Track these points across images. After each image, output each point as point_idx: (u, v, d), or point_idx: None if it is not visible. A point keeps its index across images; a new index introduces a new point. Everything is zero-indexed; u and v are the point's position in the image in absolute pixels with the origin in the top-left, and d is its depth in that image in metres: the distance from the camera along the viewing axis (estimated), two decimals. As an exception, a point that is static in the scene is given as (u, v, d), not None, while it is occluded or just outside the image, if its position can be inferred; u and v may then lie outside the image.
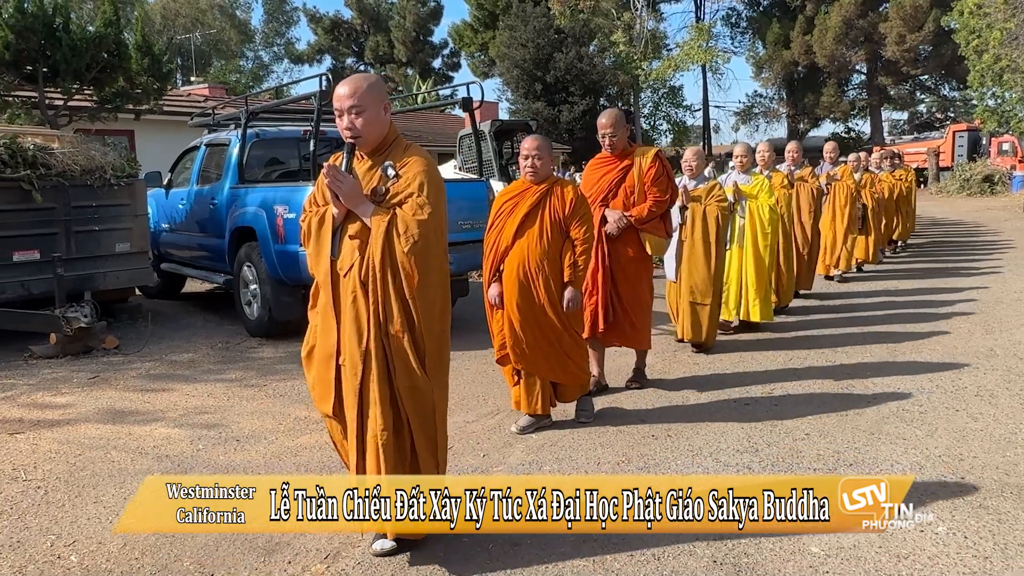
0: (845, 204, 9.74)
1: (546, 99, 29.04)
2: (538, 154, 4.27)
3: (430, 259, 2.76)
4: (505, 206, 4.38)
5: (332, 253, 2.81)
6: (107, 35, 11.24)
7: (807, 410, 4.80)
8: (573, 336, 4.37)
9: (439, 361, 2.90)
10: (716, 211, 5.94)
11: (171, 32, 41.10)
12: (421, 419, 2.86)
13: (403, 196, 2.77)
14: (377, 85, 2.88)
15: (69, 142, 7.44)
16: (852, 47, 35.36)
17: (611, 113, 5.03)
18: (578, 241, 4.25)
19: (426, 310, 2.79)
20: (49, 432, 4.60)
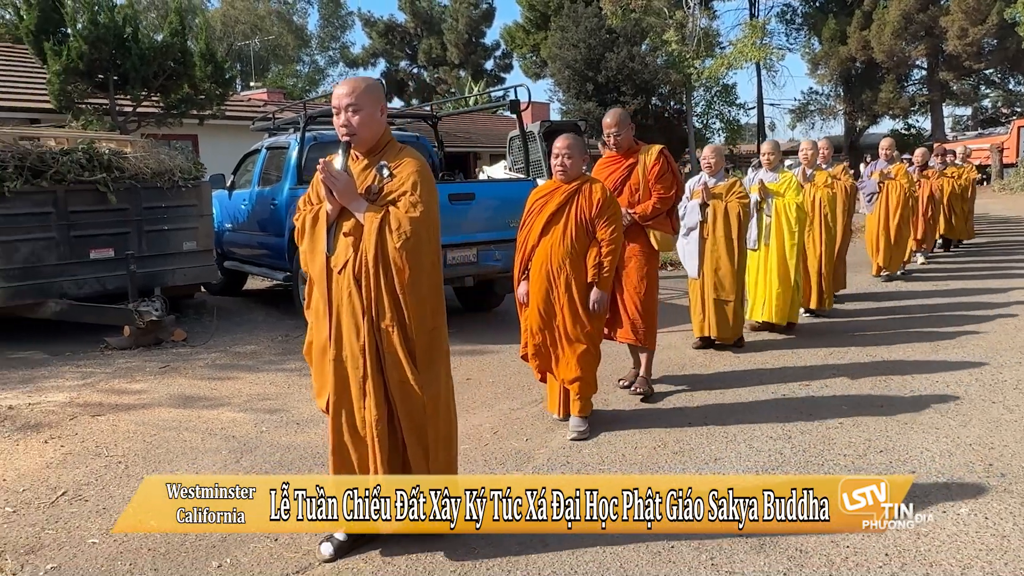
0: (898, 204, 9.47)
1: (597, 99, 29.11)
2: (568, 153, 4.27)
3: (422, 255, 2.81)
4: (535, 204, 4.41)
5: (328, 250, 2.87)
6: (173, 44, 11.76)
7: (843, 401, 4.92)
8: (591, 343, 4.32)
9: (431, 357, 2.92)
10: (737, 207, 5.93)
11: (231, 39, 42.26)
12: (409, 413, 2.90)
13: (396, 194, 2.83)
14: (375, 87, 2.96)
15: (141, 147, 7.89)
16: (912, 42, 34.57)
17: (615, 112, 5.06)
18: (604, 242, 4.21)
19: (417, 305, 2.84)
20: (127, 415, 4.97)
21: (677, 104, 34.40)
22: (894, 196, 9.49)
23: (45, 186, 6.70)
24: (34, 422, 4.82)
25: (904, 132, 38.98)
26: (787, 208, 6.56)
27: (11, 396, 5.38)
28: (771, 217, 6.56)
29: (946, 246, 12.65)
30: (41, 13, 11.01)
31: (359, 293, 2.83)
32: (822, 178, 7.54)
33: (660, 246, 5.01)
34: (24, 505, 3.60)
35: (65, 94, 11.19)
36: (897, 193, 9.49)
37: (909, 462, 3.88)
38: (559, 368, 4.36)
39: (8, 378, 5.89)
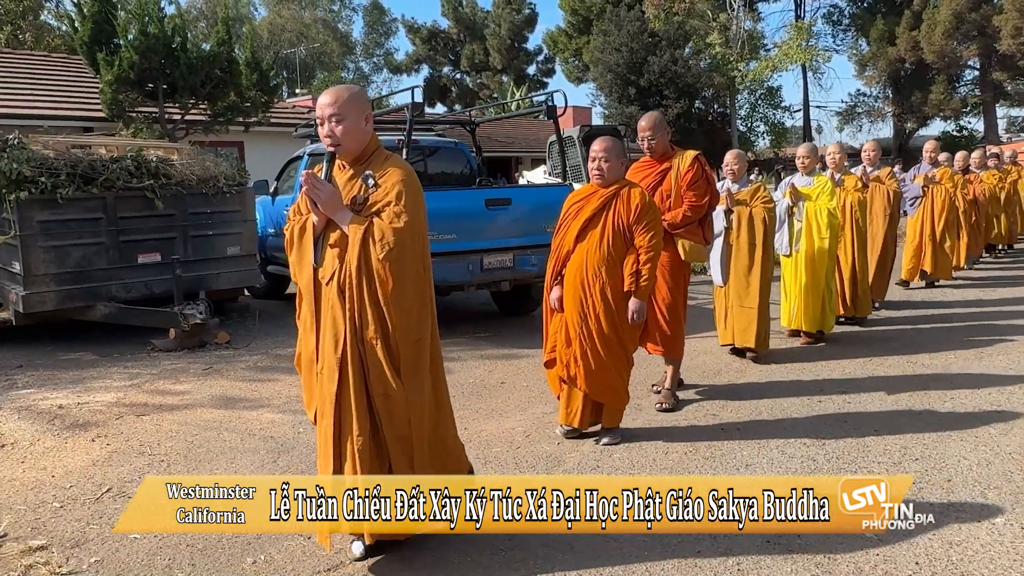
0: (942, 209, 9.22)
1: (640, 103, 29.00)
2: (605, 156, 4.15)
3: (405, 266, 2.77)
4: (571, 209, 4.30)
5: (315, 261, 2.84)
6: (220, 53, 12.06)
7: (880, 407, 4.86)
8: (627, 352, 4.24)
9: (416, 369, 2.87)
10: (762, 213, 5.81)
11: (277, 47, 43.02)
12: (394, 427, 2.85)
13: (381, 205, 2.79)
14: (359, 96, 2.91)
15: (187, 154, 8.10)
16: (964, 42, 33.79)
17: (651, 116, 4.93)
18: (642, 249, 4.07)
19: (401, 317, 2.79)
20: (170, 415, 5.12)
21: (721, 107, 34.10)
22: (939, 200, 9.25)
23: (96, 193, 6.92)
24: (82, 421, 4.99)
25: (955, 134, 38.12)
26: (818, 213, 6.37)
27: (61, 396, 5.58)
28: (802, 222, 6.39)
29: (990, 250, 12.34)
30: (95, 25, 11.39)
31: (342, 304, 2.79)
32: (852, 182, 7.31)
33: (687, 256, 4.84)
34: (71, 501, 3.74)
35: (116, 103, 11.54)
36: (942, 197, 9.25)
37: (945, 470, 3.82)
38: (591, 378, 4.18)
39: (59, 378, 6.10)
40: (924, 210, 9.29)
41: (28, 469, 4.19)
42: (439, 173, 8.80)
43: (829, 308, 6.55)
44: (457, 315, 8.65)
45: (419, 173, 8.30)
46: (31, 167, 6.62)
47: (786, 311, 6.59)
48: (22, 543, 3.28)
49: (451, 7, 49.11)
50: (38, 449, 4.50)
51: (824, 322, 6.52)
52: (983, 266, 11.44)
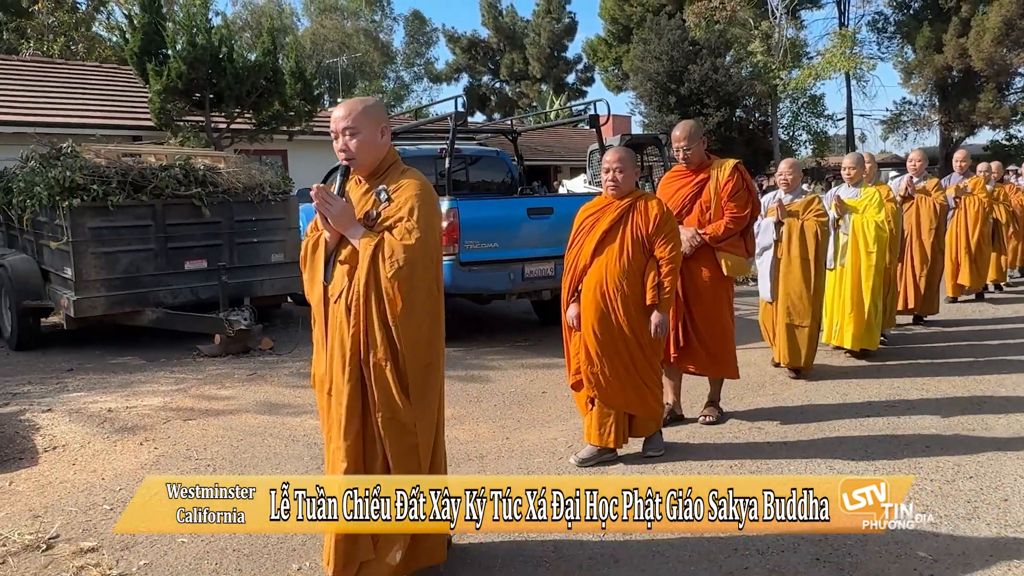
0: (976, 220, 8.91)
1: (680, 111, 28.81)
2: (619, 167, 4.02)
3: (416, 285, 2.65)
4: (586, 222, 4.14)
5: (325, 278, 2.76)
6: (265, 63, 12.24)
7: (931, 424, 4.75)
8: (653, 365, 4.11)
9: (425, 394, 2.75)
10: (815, 226, 5.60)
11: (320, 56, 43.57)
12: (401, 454, 2.73)
13: (393, 220, 2.68)
14: (374, 108, 2.81)
15: (233, 162, 8.23)
16: (1013, 49, 33.07)
17: (685, 125, 4.77)
18: (663, 260, 3.96)
19: (411, 339, 2.67)
20: (215, 420, 5.19)
21: (762, 116, 33.76)
22: (972, 211, 8.94)
23: (145, 200, 7.06)
24: (131, 425, 5.08)
25: (1005, 143, 37.28)
26: (865, 226, 6.17)
27: (110, 400, 5.68)
28: (848, 235, 6.21)
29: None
30: (144, 36, 11.63)
31: (348, 323, 2.69)
32: (884, 192, 6.79)
33: (730, 271, 4.64)
34: (120, 504, 3.80)
35: (165, 112, 11.77)
36: (975, 208, 8.93)
37: (1001, 489, 3.72)
38: (623, 395, 4.05)
39: (108, 382, 6.22)
40: (957, 222, 8.98)
41: (79, 471, 4.27)
42: (481, 182, 8.83)
43: (876, 325, 6.32)
44: (498, 323, 8.65)
45: (460, 182, 8.47)
46: (83, 175, 6.78)
47: (828, 327, 6.36)
48: (74, 544, 3.35)
49: (491, 16, 49.35)
50: (88, 452, 4.59)
51: (869, 340, 6.28)
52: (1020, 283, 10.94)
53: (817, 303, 5.73)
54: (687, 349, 4.67)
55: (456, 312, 9.18)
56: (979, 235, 8.88)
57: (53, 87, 15.66)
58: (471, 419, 5.13)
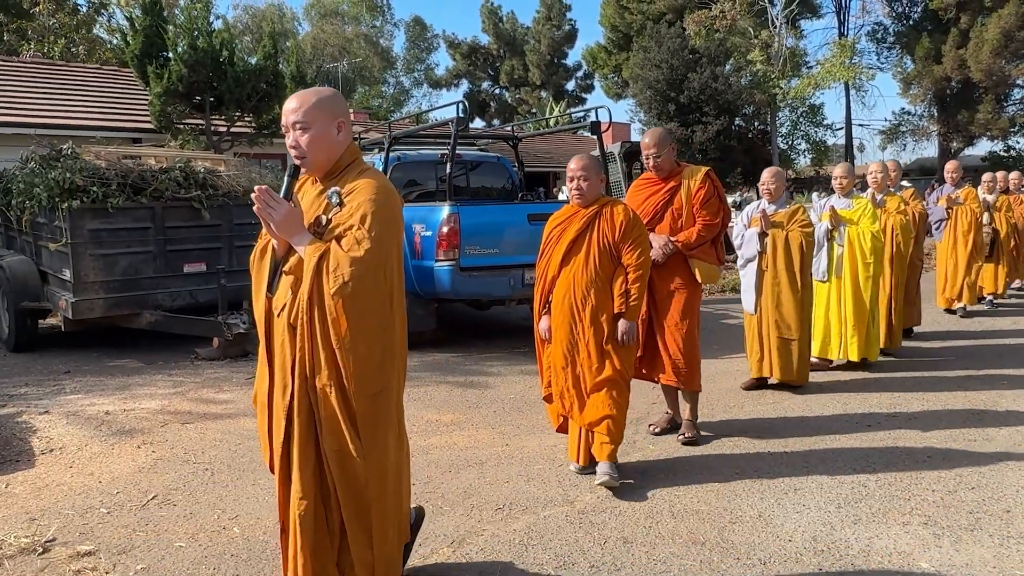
0: (969, 230, 8.66)
1: (679, 119, 28.92)
2: (584, 175, 3.91)
3: (364, 304, 2.35)
4: (553, 232, 4.05)
5: (269, 289, 2.51)
6: (266, 67, 12.27)
7: (932, 433, 4.73)
8: (622, 378, 3.91)
9: (376, 423, 2.45)
10: (799, 237, 5.46)
11: (320, 61, 43.63)
12: (350, 490, 2.46)
13: (343, 228, 2.40)
14: (329, 100, 2.52)
15: (233, 165, 8.22)
16: (1012, 60, 33.24)
17: (654, 132, 4.64)
18: (631, 267, 3.86)
19: (358, 364, 2.37)
20: (214, 423, 5.16)
21: (761, 125, 33.86)
22: (963, 222, 8.72)
23: (145, 203, 7.04)
24: (128, 428, 5.05)
25: (1003, 154, 37.41)
26: (861, 237, 6.07)
27: (108, 402, 5.65)
28: (843, 247, 6.11)
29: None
30: (146, 39, 11.65)
31: (292, 343, 2.43)
32: (894, 204, 6.92)
33: (704, 278, 4.57)
34: (117, 507, 3.77)
35: (165, 115, 11.78)
36: (967, 219, 8.72)
37: (1003, 500, 3.70)
38: (585, 409, 3.91)
39: (106, 385, 6.19)
40: (949, 233, 8.80)
41: (76, 474, 4.24)
42: (481, 187, 8.82)
43: (874, 336, 6.29)
44: (497, 329, 8.63)
45: (461, 187, 8.46)
46: (83, 177, 6.76)
47: (832, 343, 6.26)
48: (71, 548, 3.32)
49: (492, 23, 49.50)
50: (85, 454, 4.56)
51: (870, 350, 6.23)
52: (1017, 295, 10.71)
53: (805, 315, 5.59)
54: (652, 358, 4.58)
55: (455, 317, 9.18)
56: (972, 246, 8.69)
57: (53, 89, 15.65)
58: (470, 425, 5.11)
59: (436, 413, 5.38)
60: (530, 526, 3.49)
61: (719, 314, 8.86)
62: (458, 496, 3.86)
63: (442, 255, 6.88)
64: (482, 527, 3.49)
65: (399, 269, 2.51)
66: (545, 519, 3.57)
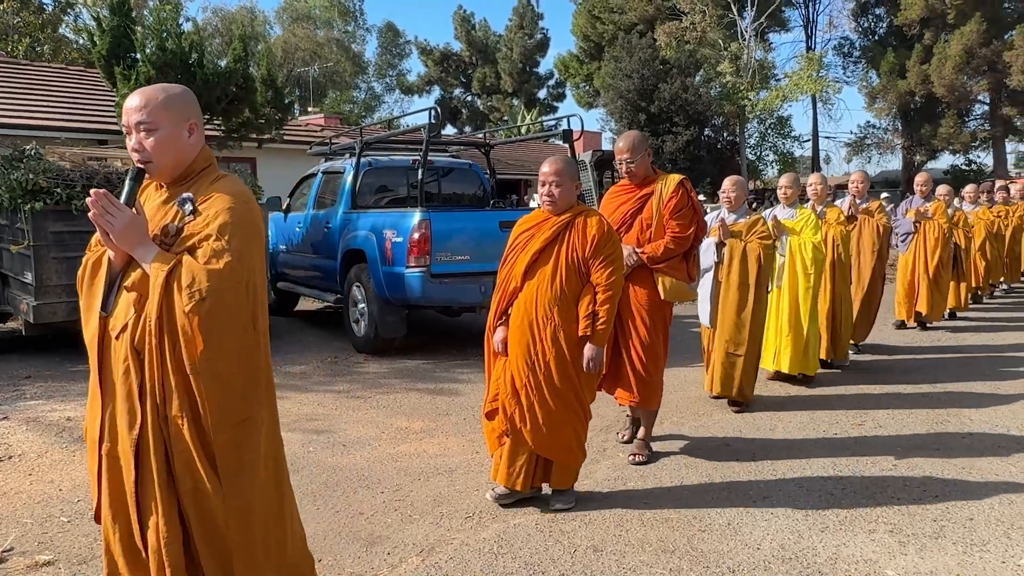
0: (936, 245, 8.52)
1: (650, 129, 29.11)
2: (557, 180, 3.60)
3: (223, 323, 2.10)
4: (520, 238, 3.73)
5: (103, 307, 2.21)
6: (236, 70, 12.11)
7: (897, 441, 4.80)
8: (581, 406, 3.64)
9: (239, 458, 2.18)
10: (758, 249, 5.27)
11: (291, 65, 43.34)
12: (207, 534, 2.18)
13: (197, 239, 2.15)
14: (178, 99, 2.27)
15: (202, 169, 8.10)
16: (974, 77, 33.99)
17: (629, 136, 4.39)
18: (600, 287, 3.52)
19: (216, 391, 2.12)
20: (178, 430, 5.07)
21: (730, 136, 34.25)
22: (932, 236, 8.57)
23: (110, 205, 6.90)
24: (90, 434, 4.95)
25: (965, 168, 38.23)
26: (803, 247, 5.95)
27: (70, 408, 5.54)
28: (784, 257, 5.96)
29: (989, 291, 11.72)
30: (113, 39, 11.45)
31: (139, 369, 2.14)
32: (834, 215, 6.81)
33: (668, 295, 4.27)
34: (78, 516, 3.69)
35: (132, 116, 11.58)
36: (936, 234, 8.58)
37: (966, 508, 3.76)
38: (541, 434, 3.59)
39: (68, 390, 6.07)
40: (917, 247, 8.64)
41: (36, 482, 4.15)
42: (453, 194, 8.81)
43: (813, 350, 6.14)
44: (468, 336, 8.61)
45: (432, 194, 8.45)
46: (47, 178, 6.62)
47: (766, 353, 6.03)
48: (29, 558, 3.24)
49: (464, 30, 49.54)
50: (46, 462, 4.46)
51: (807, 364, 6.07)
52: (979, 308, 10.76)
53: (755, 331, 5.34)
54: (616, 374, 4.31)
55: (426, 324, 9.14)
56: (938, 260, 8.57)
57: (17, 88, 15.35)
58: (440, 432, 5.08)
59: (406, 420, 5.34)
60: (500, 534, 3.48)
61: (689, 321, 8.91)
62: (428, 504, 3.84)
63: (413, 261, 6.85)
64: (452, 535, 3.47)
65: (263, 286, 2.28)
66: (515, 527, 3.55)
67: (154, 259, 2.13)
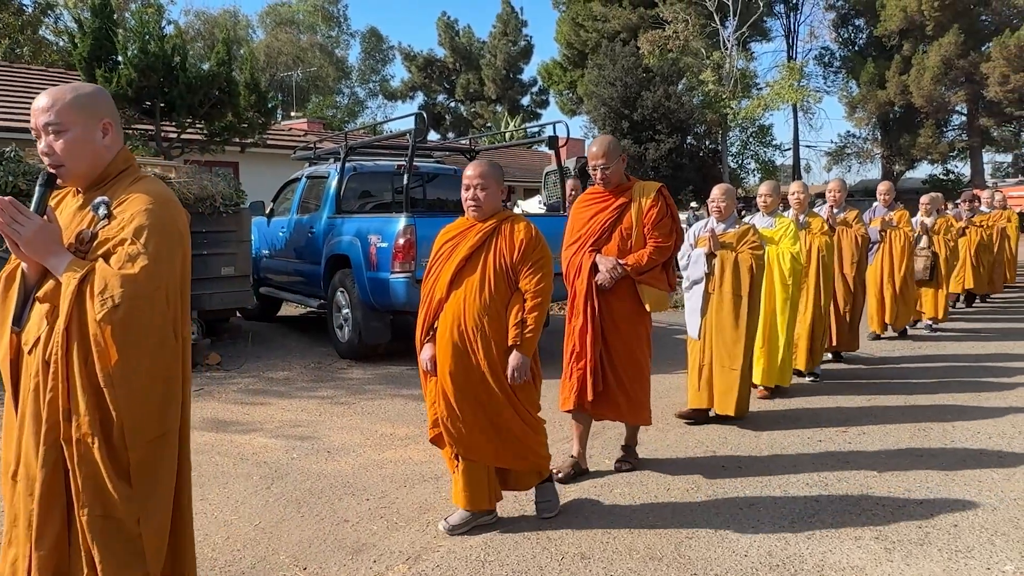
0: (902, 254, 8.47)
1: (633, 137, 29.24)
2: (482, 183, 3.43)
3: (139, 332, 1.96)
4: (443, 248, 3.54)
5: (16, 322, 2.05)
6: (220, 73, 12.05)
7: (881, 449, 4.83)
8: (524, 414, 3.47)
9: (155, 479, 2.03)
10: (750, 259, 5.15)
11: (273, 69, 43.16)
12: (119, 567, 1.98)
13: (112, 244, 2.01)
14: (89, 97, 2.12)
15: (184, 172, 8.05)
16: (952, 87, 34.41)
17: (603, 140, 4.22)
18: (528, 293, 3.38)
19: (132, 405, 1.96)
20: (160, 437, 5.01)
21: (712, 144, 34.45)
22: (897, 245, 8.49)
23: (91, 208, 6.83)
24: (70, 440, 4.87)
25: (943, 177, 38.69)
26: (781, 258, 5.85)
27: None
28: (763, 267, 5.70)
29: (969, 300, 11.71)
30: (95, 41, 11.36)
31: (45, 384, 1.98)
32: (818, 224, 6.70)
33: (652, 306, 4.21)
34: None
35: (113, 119, 11.48)
36: (901, 242, 8.48)
37: (950, 515, 3.78)
38: (489, 448, 3.46)
39: None
40: (882, 256, 8.55)
41: (14, 489, 4.07)
42: (437, 199, 8.79)
43: (787, 362, 6.05)
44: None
45: (418, 199, 8.42)
46: (26, 180, 6.54)
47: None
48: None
49: (448, 36, 49.58)
50: (24, 468, 4.38)
51: (782, 376, 5.99)
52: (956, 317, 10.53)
53: (749, 343, 5.24)
54: (605, 394, 4.17)
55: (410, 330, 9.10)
56: (905, 269, 8.48)
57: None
58: (425, 439, 4.97)
59: (391, 427, 5.31)
60: (487, 542, 3.46)
61: (673, 328, 8.93)
62: (414, 511, 3.81)
63: (398, 267, 6.82)
64: (438, 543, 3.44)
65: (185, 293, 2.13)
66: (502, 535, 3.53)
67: (67, 268, 1.99)
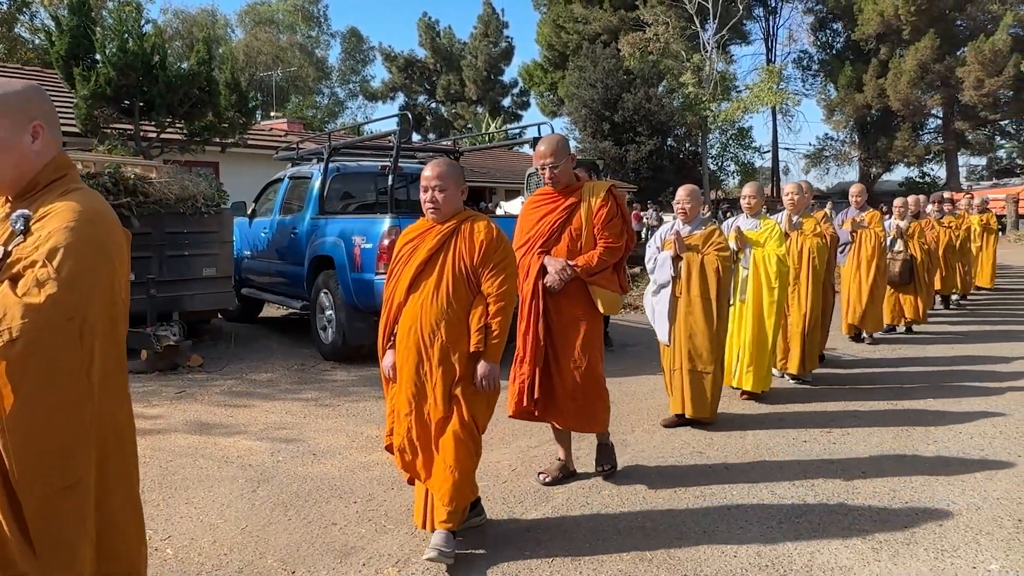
0: (873, 255, 8.35)
1: (613, 138, 29.37)
2: (440, 184, 3.26)
3: (43, 370, 1.73)
4: (404, 251, 3.39)
5: None
6: (200, 73, 11.94)
7: (865, 449, 4.86)
8: (468, 433, 3.19)
9: (61, 533, 1.80)
10: (716, 262, 5.05)
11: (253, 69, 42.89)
12: None
13: (23, 265, 1.77)
14: (16, 97, 1.92)
15: (165, 172, 7.97)
16: (928, 91, 34.89)
17: (551, 139, 4.10)
18: (492, 297, 3.21)
19: (32, 453, 1.75)
20: (142, 440, 4.92)
21: (692, 146, 34.69)
22: (868, 246, 8.38)
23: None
24: (50, 444, 4.80)
25: (919, 180, 39.19)
26: (767, 260, 5.74)
27: None
28: (748, 269, 5.77)
29: (946, 302, 11.74)
30: (72, 39, 11.22)
31: None
32: (811, 226, 6.62)
33: (606, 308, 4.07)
34: (40, 528, 3.57)
35: (91, 119, 11.35)
36: (871, 243, 8.39)
37: (935, 515, 3.81)
38: (428, 466, 3.26)
39: None
40: (853, 258, 8.48)
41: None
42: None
43: (770, 365, 6.02)
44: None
45: (401, 200, 8.39)
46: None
47: (727, 367, 5.81)
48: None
49: (429, 37, 49.53)
50: (4, 472, 4.31)
51: (767, 381, 5.98)
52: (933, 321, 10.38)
53: (720, 345, 5.20)
54: (552, 400, 4.03)
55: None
56: (875, 271, 8.37)
57: (-30, 88, 14.97)
58: (412, 441, 5.02)
59: (376, 429, 5.27)
60: (476, 544, 3.44)
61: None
62: (402, 514, 3.79)
63: (382, 268, 6.79)
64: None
65: (109, 322, 1.87)
66: (493, 537, 3.52)
67: None
